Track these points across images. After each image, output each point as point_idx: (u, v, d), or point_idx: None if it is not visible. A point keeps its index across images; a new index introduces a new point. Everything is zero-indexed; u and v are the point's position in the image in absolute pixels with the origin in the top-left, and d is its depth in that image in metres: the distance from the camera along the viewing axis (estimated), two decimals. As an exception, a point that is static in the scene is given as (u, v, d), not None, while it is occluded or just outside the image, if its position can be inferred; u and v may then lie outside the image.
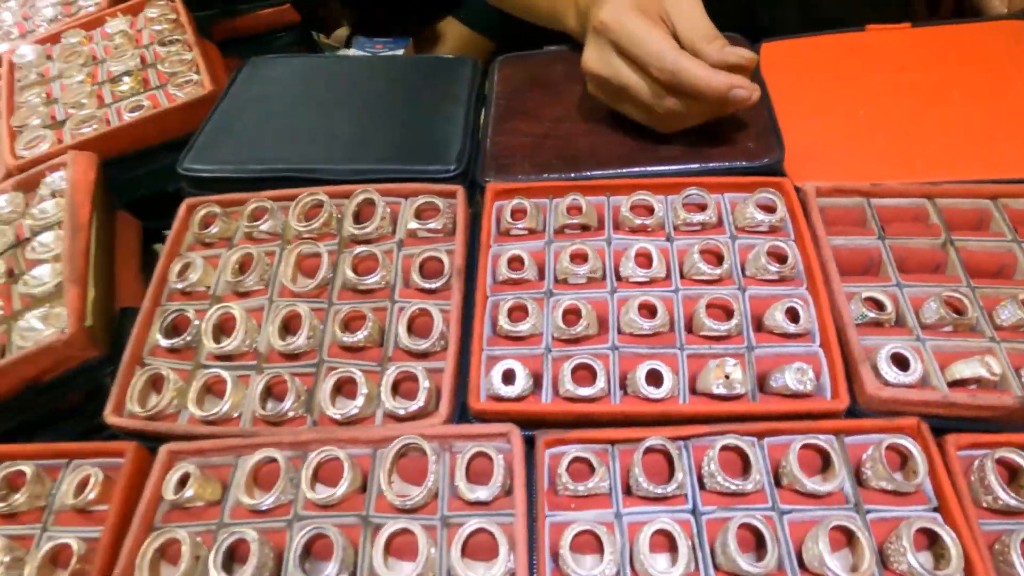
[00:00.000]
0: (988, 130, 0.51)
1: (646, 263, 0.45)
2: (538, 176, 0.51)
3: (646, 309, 0.43)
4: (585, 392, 0.39)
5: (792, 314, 0.42)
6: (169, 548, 0.36)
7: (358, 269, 0.46)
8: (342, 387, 0.42)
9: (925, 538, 0.34)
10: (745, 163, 0.49)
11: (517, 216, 0.48)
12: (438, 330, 0.42)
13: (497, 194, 0.49)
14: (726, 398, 0.39)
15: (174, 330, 0.45)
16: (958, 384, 0.39)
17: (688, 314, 0.43)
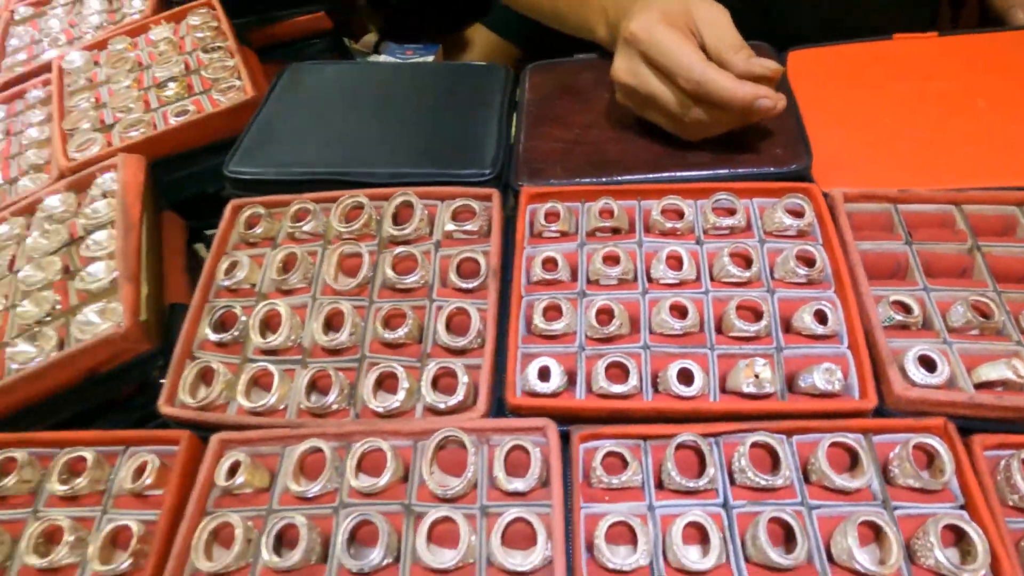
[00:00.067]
0: (1014, 138, 0.52)
1: (677, 265, 0.46)
2: (570, 180, 0.52)
3: (677, 310, 0.44)
4: (618, 389, 0.41)
5: (820, 316, 0.43)
6: (222, 531, 0.38)
7: (397, 269, 0.48)
8: (383, 382, 0.43)
9: (952, 535, 0.35)
10: (773, 169, 0.51)
11: (550, 219, 0.50)
12: (475, 328, 0.44)
13: (531, 197, 0.51)
14: (756, 397, 0.40)
15: (222, 325, 0.47)
16: (984, 386, 0.40)
17: (718, 315, 0.44)
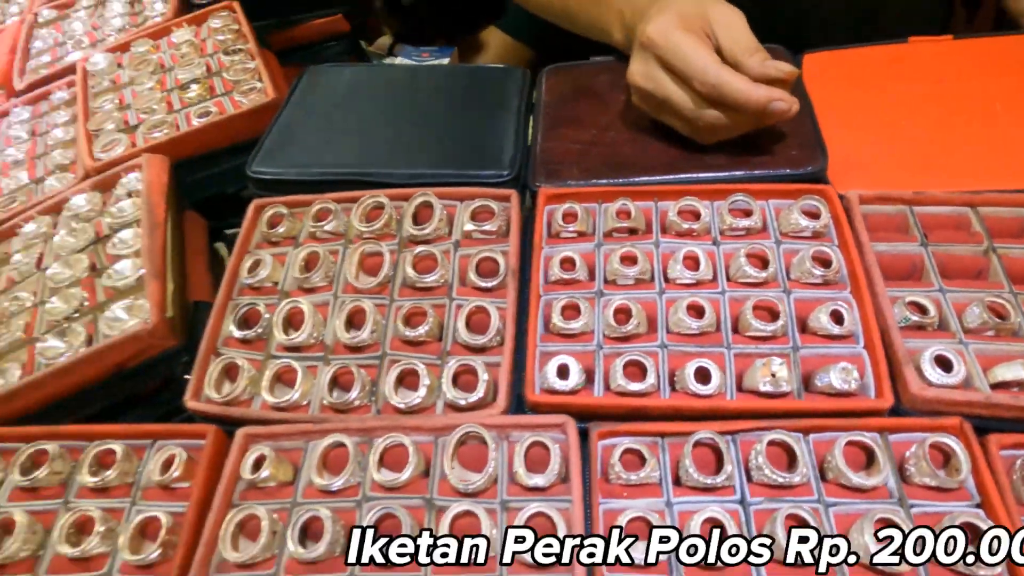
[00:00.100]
0: (1030, 141, 0.52)
1: (694, 266, 0.47)
2: (587, 181, 0.53)
3: (694, 310, 0.44)
4: (636, 387, 0.41)
5: (836, 316, 0.43)
6: (248, 523, 0.39)
7: (418, 268, 0.48)
8: (404, 378, 0.44)
9: (968, 534, 0.36)
10: (789, 171, 0.51)
11: (568, 219, 0.50)
12: (495, 326, 0.45)
13: (549, 198, 0.52)
14: (772, 396, 0.41)
15: (245, 322, 0.48)
16: (1000, 386, 0.40)
17: (735, 315, 0.45)
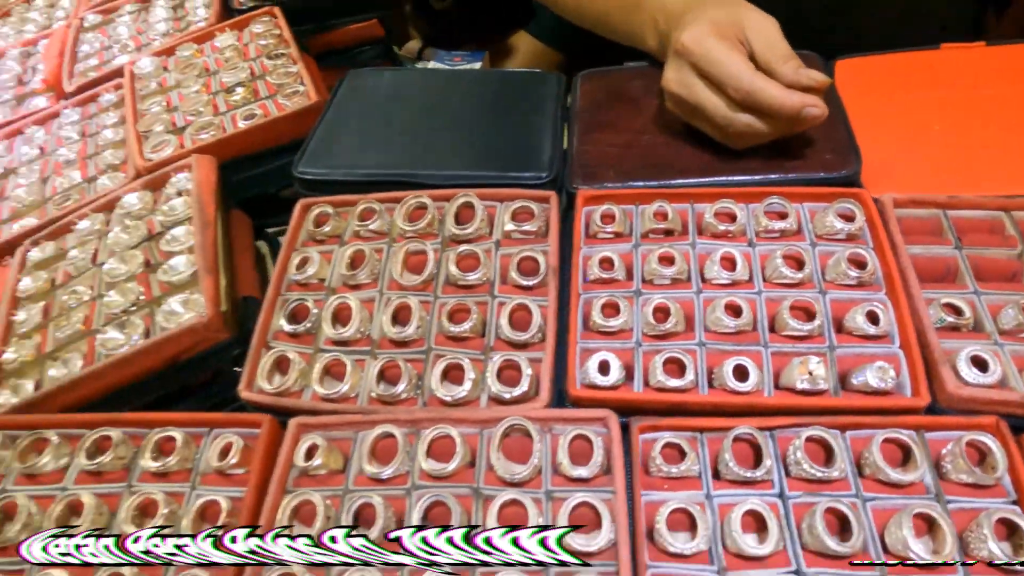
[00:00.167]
0: (1063, 146, 0.53)
1: (730, 266, 0.48)
2: (623, 183, 0.54)
3: (731, 309, 0.46)
4: (675, 383, 0.43)
5: (872, 317, 0.44)
6: (302, 508, 0.40)
7: (460, 266, 0.50)
8: (448, 373, 0.46)
9: (1005, 529, 0.36)
10: (824, 174, 0.52)
11: (606, 220, 0.52)
12: (536, 323, 0.46)
13: (587, 200, 0.53)
14: (809, 393, 0.42)
15: (294, 317, 0.50)
16: (1036, 387, 0.41)
17: (771, 315, 0.46)
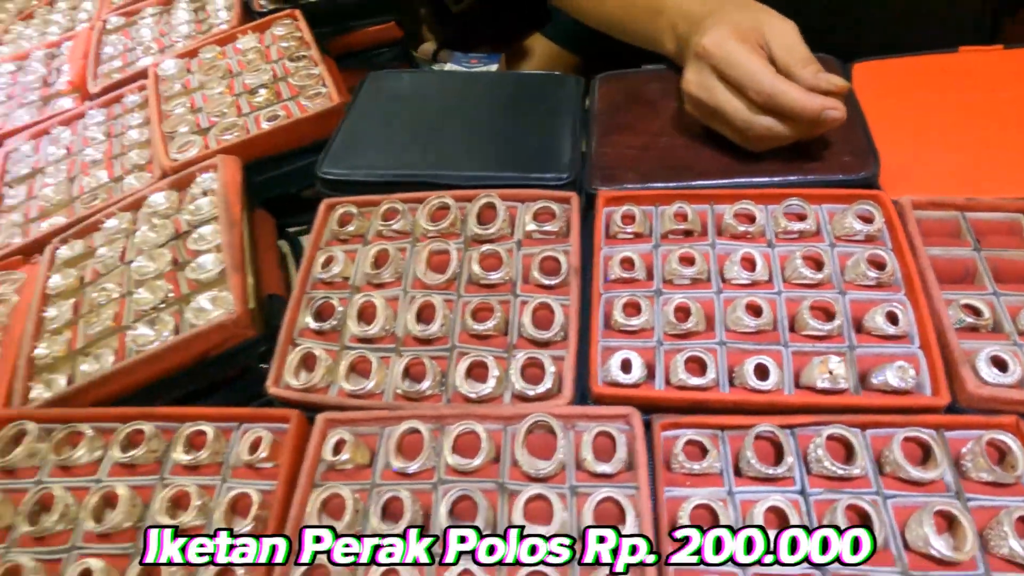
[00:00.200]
0: (1082, 149, 0.53)
1: (750, 267, 0.49)
2: (642, 185, 0.55)
3: (752, 309, 0.46)
4: (696, 382, 0.43)
5: (892, 317, 0.45)
6: (330, 501, 0.41)
7: (483, 265, 0.51)
8: (472, 370, 0.47)
9: (1024, 527, 0.37)
10: (842, 176, 0.53)
11: (626, 221, 0.52)
12: (559, 322, 0.47)
13: (608, 200, 0.54)
14: (830, 392, 0.42)
15: (320, 315, 0.51)
16: (1055, 387, 0.41)
17: (791, 315, 0.47)
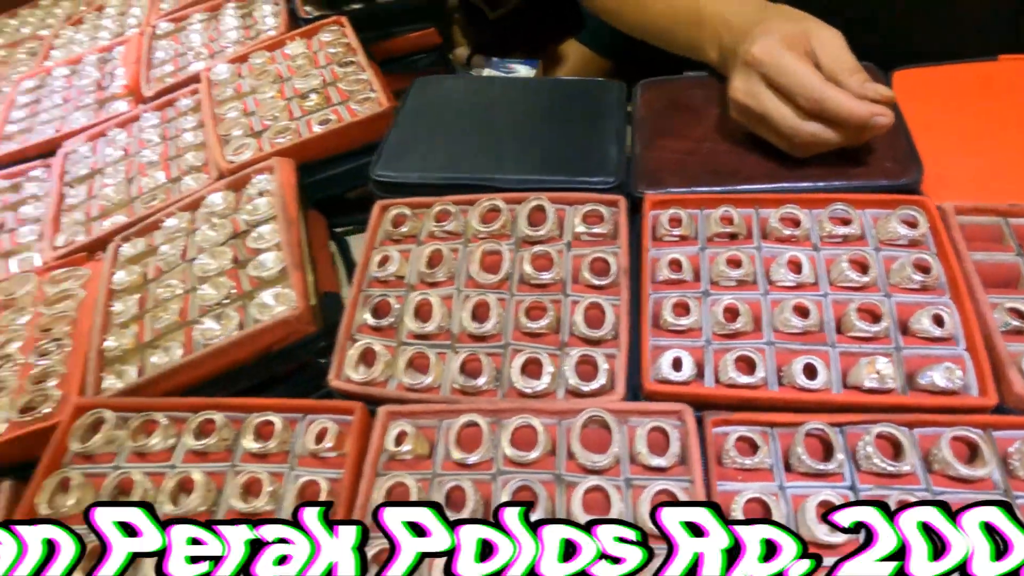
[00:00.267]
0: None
1: (796, 269, 0.50)
2: (688, 188, 0.57)
3: (799, 310, 0.47)
4: (746, 380, 0.45)
5: (938, 319, 0.46)
6: (394, 490, 0.43)
7: (534, 265, 0.52)
8: (526, 366, 0.48)
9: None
10: (886, 182, 0.54)
11: (672, 224, 0.54)
12: (610, 321, 0.48)
13: (654, 204, 0.55)
14: (877, 391, 0.44)
15: (377, 312, 0.52)
16: (1101, 389, 0.42)
17: (837, 317, 0.48)
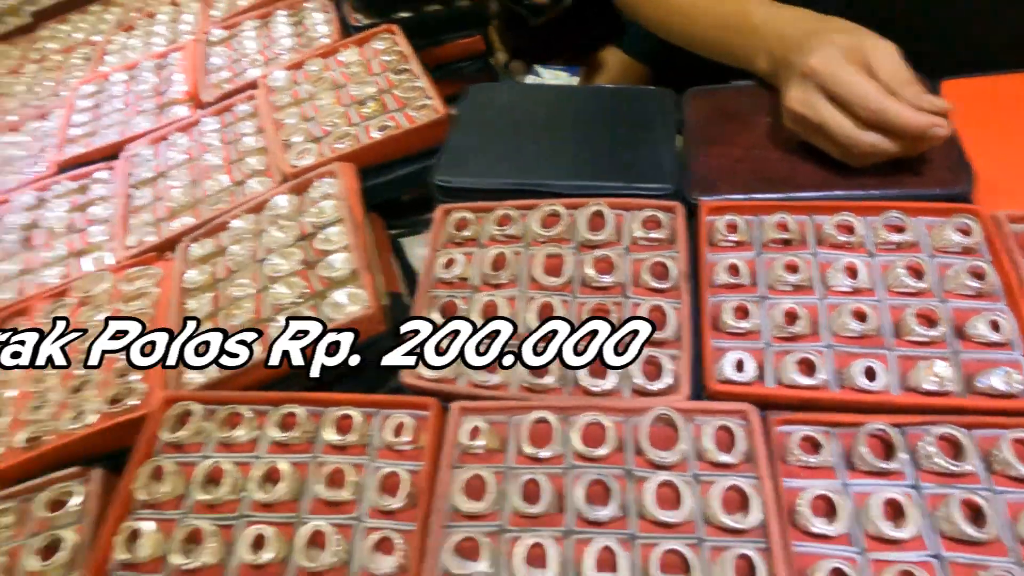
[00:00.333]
0: None
1: (852, 275, 0.51)
2: (743, 195, 0.58)
3: (857, 314, 0.49)
4: (807, 381, 0.46)
5: (995, 325, 0.47)
6: (470, 482, 0.45)
7: (596, 268, 0.54)
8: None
9: None
10: (939, 191, 0.55)
11: (729, 230, 0.56)
12: (672, 324, 0.50)
13: (711, 210, 0.57)
14: (937, 394, 0.45)
15: (444, 311, 0.55)
16: None
17: (894, 321, 0.49)
